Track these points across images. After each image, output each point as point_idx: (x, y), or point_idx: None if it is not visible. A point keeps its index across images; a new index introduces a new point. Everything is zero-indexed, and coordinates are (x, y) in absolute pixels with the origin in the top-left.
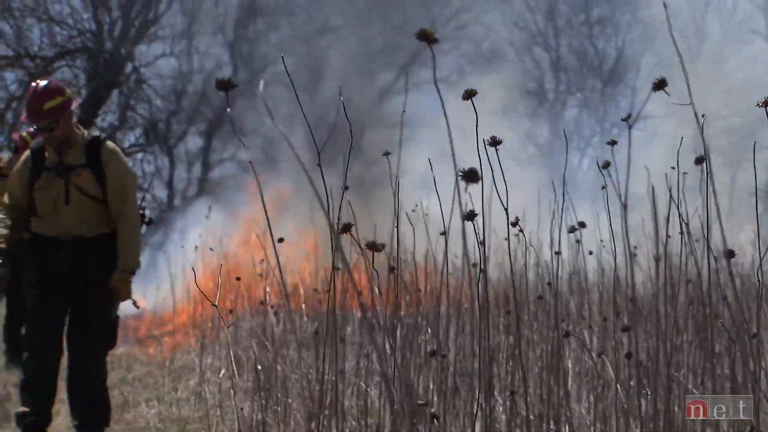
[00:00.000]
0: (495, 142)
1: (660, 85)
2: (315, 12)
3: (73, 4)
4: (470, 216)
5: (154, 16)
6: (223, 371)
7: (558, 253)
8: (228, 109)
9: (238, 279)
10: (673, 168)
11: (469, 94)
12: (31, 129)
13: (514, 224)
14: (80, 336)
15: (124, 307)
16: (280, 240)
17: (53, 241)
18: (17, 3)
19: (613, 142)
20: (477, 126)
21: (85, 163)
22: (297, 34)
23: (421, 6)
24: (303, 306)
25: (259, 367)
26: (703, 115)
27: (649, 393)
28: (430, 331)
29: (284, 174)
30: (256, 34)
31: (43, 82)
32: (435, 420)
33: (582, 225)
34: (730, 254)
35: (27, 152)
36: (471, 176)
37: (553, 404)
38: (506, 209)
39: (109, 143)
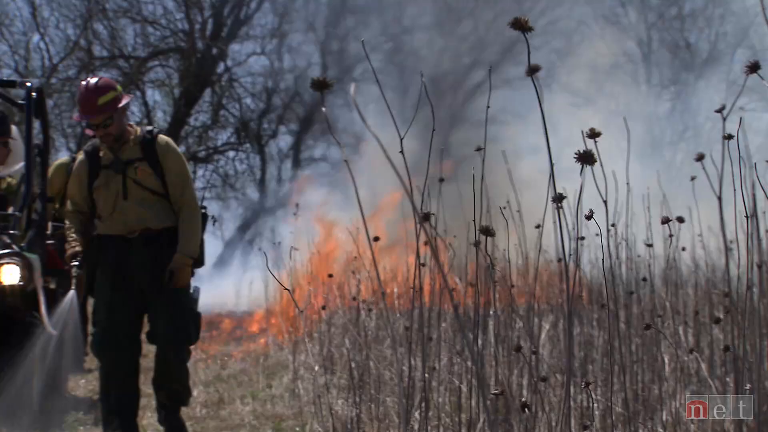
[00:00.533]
0: (594, 134)
1: (753, 67)
2: (405, 9)
3: (166, 5)
4: (560, 198)
5: (245, 16)
6: (316, 368)
7: (650, 245)
8: (324, 109)
9: (330, 276)
10: None
11: (533, 70)
12: None
13: (588, 217)
14: (163, 333)
15: (220, 306)
16: (376, 239)
17: (121, 239)
18: (111, 4)
19: (728, 137)
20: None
21: (142, 157)
22: (387, 31)
23: (512, 2)
24: (396, 303)
25: (353, 364)
26: None
27: (748, 389)
28: (522, 326)
29: (376, 171)
30: (346, 32)
31: (93, 79)
32: (526, 409)
33: (680, 220)
34: None
35: (81, 155)
36: (587, 158)
37: (648, 400)
38: (605, 201)
39: (163, 136)
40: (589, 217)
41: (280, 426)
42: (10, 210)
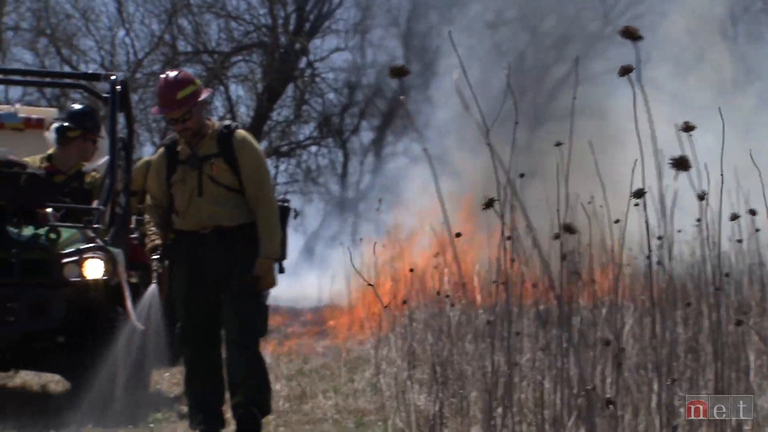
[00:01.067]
0: (688, 128)
1: None
2: (488, 4)
3: (249, 0)
4: (639, 193)
5: (328, 10)
6: (399, 363)
7: (739, 241)
8: (401, 97)
9: (411, 270)
10: None
11: (626, 70)
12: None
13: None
14: (231, 327)
15: (301, 299)
16: (458, 235)
17: (195, 235)
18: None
19: None
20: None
21: (218, 153)
22: (470, 26)
23: None
24: (478, 298)
25: (435, 359)
26: None
27: None
28: (605, 322)
29: (457, 166)
30: (429, 27)
31: (173, 73)
32: (610, 405)
33: (752, 213)
34: None
35: (161, 149)
36: (681, 164)
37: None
38: (703, 197)
39: (240, 131)
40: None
41: (361, 420)
42: (94, 204)
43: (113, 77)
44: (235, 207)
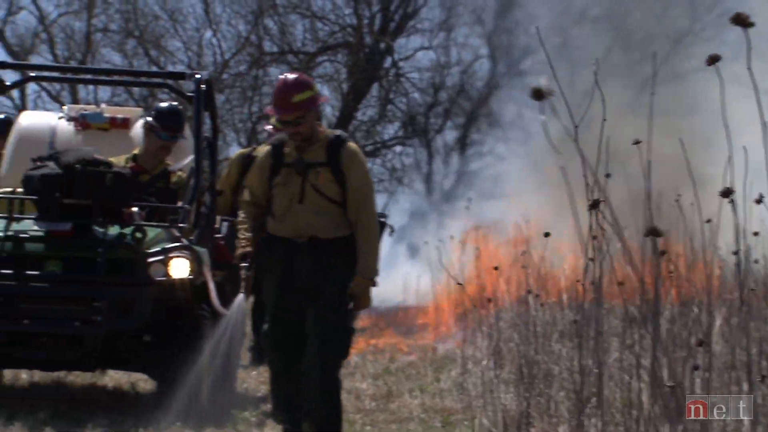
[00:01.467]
0: None
1: None
2: (574, 1)
3: (335, 0)
4: (727, 193)
5: (413, 10)
6: (485, 362)
7: None
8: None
9: (495, 268)
10: None
11: (713, 59)
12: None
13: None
14: (312, 346)
15: (387, 298)
16: (546, 234)
17: (289, 242)
18: (282, 0)
19: None
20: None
21: (326, 162)
22: (555, 24)
23: None
24: (564, 297)
25: (522, 359)
26: None
27: None
28: (693, 320)
29: (542, 164)
30: (514, 25)
31: (292, 75)
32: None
33: None
34: None
35: (267, 147)
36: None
37: None
38: None
39: (352, 144)
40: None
41: (448, 420)
42: (180, 204)
43: (198, 76)
44: (333, 219)
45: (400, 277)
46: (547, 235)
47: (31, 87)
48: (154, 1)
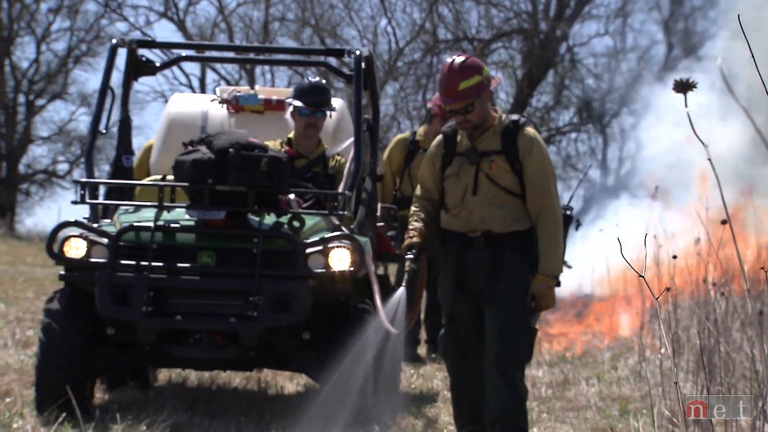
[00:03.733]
0: None
1: None
2: None
3: None
4: None
5: None
6: (663, 350)
7: None
8: (686, 107)
9: (674, 257)
10: None
11: None
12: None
13: None
14: (491, 348)
15: (563, 287)
16: (724, 222)
17: (463, 237)
18: None
19: None
20: None
21: (500, 150)
22: (735, 7)
23: None
24: (746, 285)
25: (701, 347)
26: None
27: None
28: None
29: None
30: (692, 10)
31: (459, 59)
32: None
33: None
34: None
35: (439, 137)
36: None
37: None
38: None
39: (530, 129)
40: None
41: (626, 408)
42: (339, 190)
43: (357, 52)
44: (510, 211)
45: (576, 265)
46: (724, 222)
47: (211, 76)
48: None
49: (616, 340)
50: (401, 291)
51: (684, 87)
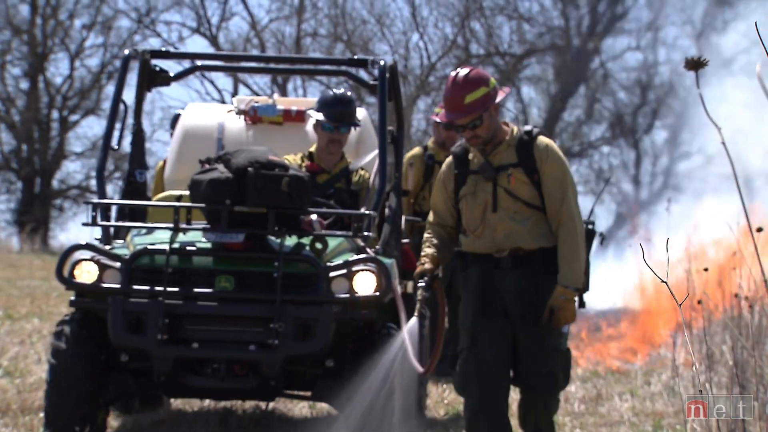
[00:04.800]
0: None
1: None
2: None
3: (542, 2)
4: None
5: (621, 10)
6: (696, 366)
7: None
8: (698, 88)
9: (705, 269)
10: None
11: None
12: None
13: None
14: (524, 374)
15: (592, 300)
16: (759, 230)
17: (488, 258)
18: (489, 2)
19: None
20: None
21: (517, 163)
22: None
23: None
24: None
25: (735, 362)
26: None
27: None
28: None
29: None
30: (724, 24)
31: (463, 71)
32: None
33: None
34: None
35: (449, 158)
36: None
37: None
38: None
39: (543, 138)
40: None
41: (659, 424)
42: (363, 209)
43: (382, 62)
44: (535, 225)
45: (607, 280)
46: (759, 230)
47: (243, 91)
48: (362, 5)
49: (650, 355)
50: (413, 323)
51: (696, 65)
